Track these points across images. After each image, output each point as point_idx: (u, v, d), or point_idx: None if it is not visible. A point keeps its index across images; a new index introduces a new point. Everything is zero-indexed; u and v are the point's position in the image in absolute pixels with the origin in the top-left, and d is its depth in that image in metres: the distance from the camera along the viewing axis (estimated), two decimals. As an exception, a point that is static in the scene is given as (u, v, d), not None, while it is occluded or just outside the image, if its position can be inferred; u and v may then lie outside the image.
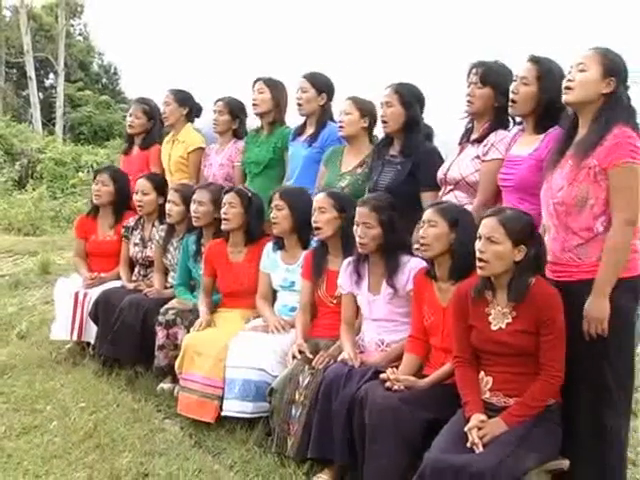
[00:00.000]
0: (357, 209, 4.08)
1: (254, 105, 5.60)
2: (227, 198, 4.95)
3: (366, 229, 4.03)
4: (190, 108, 6.17)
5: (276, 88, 5.55)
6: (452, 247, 3.72)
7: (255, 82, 5.60)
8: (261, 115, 5.63)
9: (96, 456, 4.07)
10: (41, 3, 31.49)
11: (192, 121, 6.24)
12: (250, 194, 5.00)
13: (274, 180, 5.47)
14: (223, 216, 4.95)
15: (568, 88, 3.47)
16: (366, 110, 4.87)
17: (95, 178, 6.16)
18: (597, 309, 3.34)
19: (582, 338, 3.35)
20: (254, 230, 4.98)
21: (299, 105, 5.32)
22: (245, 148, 5.74)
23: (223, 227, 4.99)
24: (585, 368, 3.38)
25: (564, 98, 3.50)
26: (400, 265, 4.06)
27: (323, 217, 4.38)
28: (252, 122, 5.92)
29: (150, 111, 6.33)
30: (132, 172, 6.19)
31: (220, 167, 5.89)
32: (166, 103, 6.13)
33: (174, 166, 6.11)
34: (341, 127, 4.93)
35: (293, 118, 5.60)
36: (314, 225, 4.41)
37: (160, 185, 5.83)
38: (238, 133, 5.92)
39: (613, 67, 3.43)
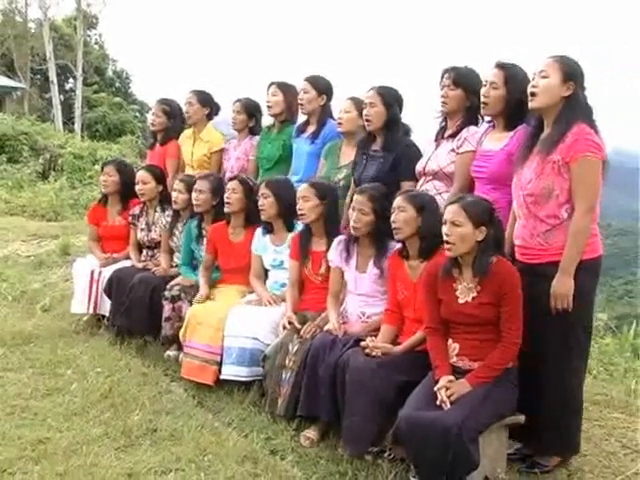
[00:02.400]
0: (355, 196, 4.06)
1: (268, 107, 5.51)
2: (230, 185, 4.95)
3: (361, 215, 4.00)
4: (211, 108, 6.05)
5: (288, 91, 5.44)
6: (420, 229, 3.71)
7: (269, 86, 5.50)
8: (274, 116, 5.56)
9: (111, 414, 4.07)
10: (61, 16, 31.39)
11: (212, 119, 6.11)
12: (251, 183, 4.98)
13: (283, 174, 5.34)
14: (226, 200, 4.93)
15: (533, 94, 3.46)
16: None
17: (102, 170, 6.12)
18: (562, 287, 3.35)
19: (550, 312, 3.37)
20: (253, 214, 4.92)
21: (301, 105, 5.25)
22: (259, 144, 5.66)
23: (225, 209, 4.97)
24: (552, 337, 3.40)
25: (530, 104, 3.49)
26: (387, 250, 4.05)
27: (306, 205, 4.36)
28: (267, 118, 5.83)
29: (170, 111, 6.18)
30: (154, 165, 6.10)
31: (237, 160, 5.82)
32: (189, 103, 5.97)
33: (196, 162, 5.98)
34: (340, 123, 4.88)
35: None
36: (299, 212, 4.40)
37: (158, 175, 5.78)
38: (254, 130, 5.82)
39: (571, 72, 3.42)
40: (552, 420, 3.50)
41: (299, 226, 4.64)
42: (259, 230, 4.86)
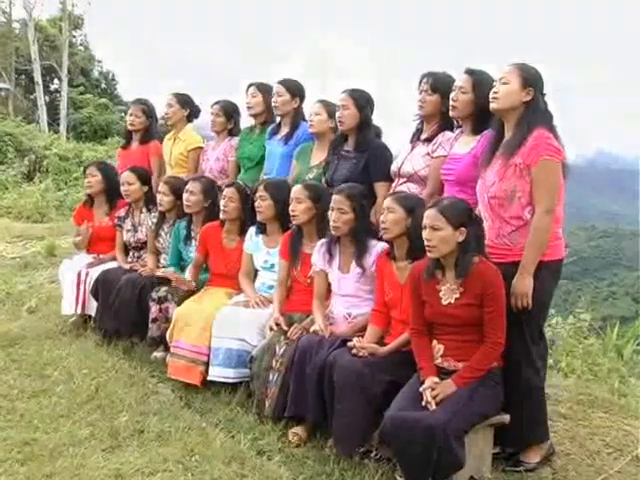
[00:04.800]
0: (333, 196, 4.08)
1: (248, 108, 5.55)
2: (227, 192, 4.94)
3: (340, 214, 4.03)
4: (190, 110, 6.11)
5: (267, 92, 5.46)
6: (408, 231, 3.74)
7: (249, 87, 5.54)
8: (254, 116, 5.59)
9: (98, 415, 4.07)
10: (46, 17, 31.19)
11: (191, 121, 6.17)
12: (248, 191, 4.95)
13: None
14: (222, 208, 4.92)
15: (494, 98, 3.56)
16: (333, 112, 4.86)
17: (85, 172, 6.16)
18: (522, 285, 3.42)
19: (510, 310, 3.43)
20: (248, 222, 4.93)
21: (275, 107, 5.29)
22: (239, 145, 5.67)
23: (221, 216, 4.97)
24: (512, 335, 3.43)
25: (491, 106, 3.60)
26: (368, 248, 4.07)
27: (299, 207, 4.37)
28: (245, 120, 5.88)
29: (148, 110, 6.25)
30: (131, 164, 6.08)
31: (216, 161, 5.83)
32: (169, 105, 6.04)
33: (174, 161, 6.05)
34: (311, 125, 4.93)
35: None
36: (291, 213, 4.40)
37: (143, 176, 5.80)
38: (233, 131, 5.85)
39: (531, 79, 3.52)
40: (516, 414, 3.54)
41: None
42: (252, 229, 4.86)
